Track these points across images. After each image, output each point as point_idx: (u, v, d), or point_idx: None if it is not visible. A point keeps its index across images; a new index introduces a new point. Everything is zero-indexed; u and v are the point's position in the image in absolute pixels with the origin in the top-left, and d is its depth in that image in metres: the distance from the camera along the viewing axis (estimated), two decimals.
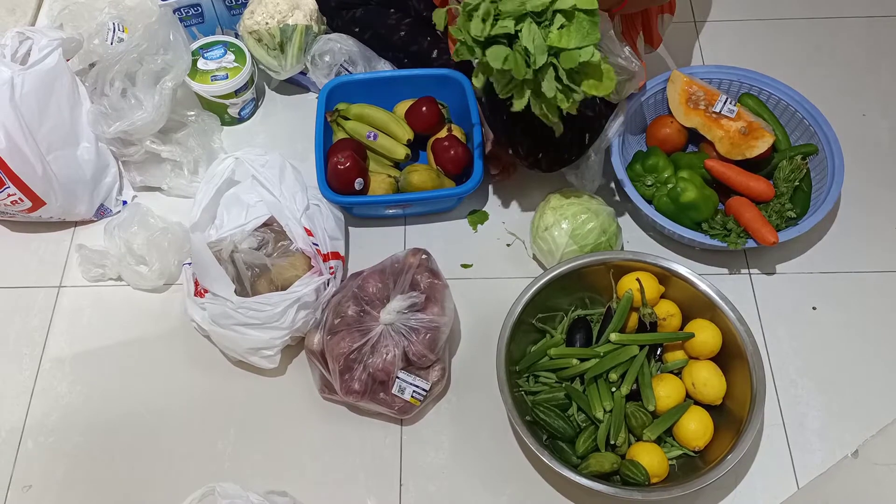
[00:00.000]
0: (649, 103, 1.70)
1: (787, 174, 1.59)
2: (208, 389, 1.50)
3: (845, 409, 1.45)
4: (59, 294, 1.62)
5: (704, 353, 1.41)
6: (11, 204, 1.56)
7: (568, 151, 1.55)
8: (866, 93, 1.86)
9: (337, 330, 1.39)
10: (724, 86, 1.71)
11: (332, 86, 1.69)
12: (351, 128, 1.69)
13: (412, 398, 1.39)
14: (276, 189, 1.51)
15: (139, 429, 1.46)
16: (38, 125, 1.54)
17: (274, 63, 1.75)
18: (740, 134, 1.59)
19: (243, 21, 1.77)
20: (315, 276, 1.44)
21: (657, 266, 1.44)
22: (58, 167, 1.57)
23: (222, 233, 1.48)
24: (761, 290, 1.58)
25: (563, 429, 1.35)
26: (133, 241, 1.59)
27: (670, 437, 1.38)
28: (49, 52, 1.56)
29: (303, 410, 1.47)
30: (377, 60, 1.75)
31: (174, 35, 1.66)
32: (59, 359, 1.54)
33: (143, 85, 1.61)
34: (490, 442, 1.44)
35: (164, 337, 1.56)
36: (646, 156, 1.62)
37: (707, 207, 1.55)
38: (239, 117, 1.84)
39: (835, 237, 1.65)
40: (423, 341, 1.37)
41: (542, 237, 1.54)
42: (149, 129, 1.63)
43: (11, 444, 1.45)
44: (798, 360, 1.51)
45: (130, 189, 1.75)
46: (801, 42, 1.95)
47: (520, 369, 1.43)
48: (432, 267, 1.46)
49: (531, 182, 1.71)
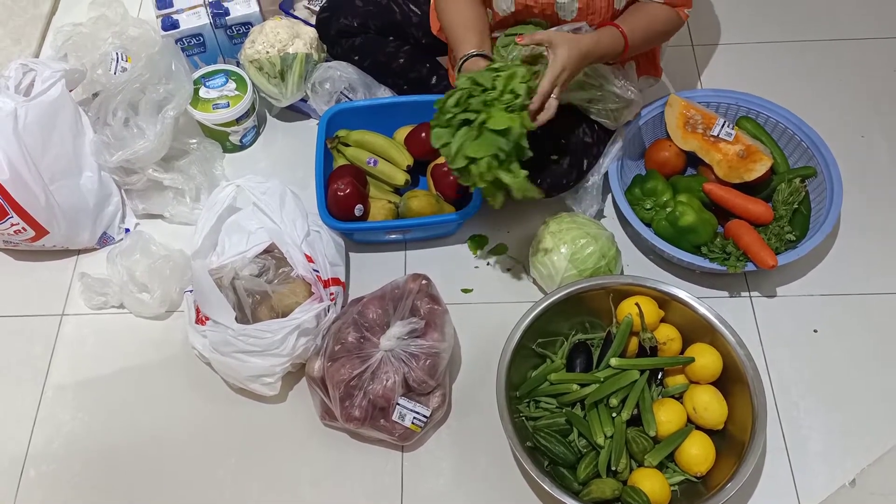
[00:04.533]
0: (647, 127, 1.71)
1: (785, 197, 1.59)
2: (209, 417, 1.50)
3: (848, 432, 1.45)
4: (62, 322, 1.63)
5: (705, 377, 1.40)
6: (15, 233, 1.57)
7: (566, 178, 1.56)
8: (864, 115, 1.86)
9: (337, 356, 1.39)
10: (722, 109, 1.72)
11: (332, 112, 1.71)
12: (351, 154, 1.71)
13: (412, 424, 1.39)
14: (276, 216, 1.52)
15: (140, 456, 1.47)
16: (42, 155, 1.55)
17: (275, 91, 1.76)
18: (738, 157, 1.60)
19: (244, 50, 1.79)
20: (315, 303, 1.45)
21: (657, 290, 1.44)
22: (61, 196, 1.59)
23: (223, 260, 1.49)
24: (762, 313, 1.58)
25: (563, 454, 1.34)
26: (135, 269, 1.60)
27: (672, 462, 1.37)
28: (52, 83, 1.59)
29: (303, 437, 1.47)
30: (377, 87, 1.77)
31: (176, 64, 1.68)
32: (61, 386, 1.55)
33: (146, 114, 1.63)
34: (491, 468, 1.43)
35: (166, 364, 1.56)
36: (644, 179, 1.63)
37: (706, 231, 1.56)
38: (240, 144, 1.85)
39: (835, 259, 1.65)
40: (424, 367, 1.37)
41: (542, 262, 1.54)
42: (151, 157, 1.65)
43: (13, 473, 1.46)
44: (800, 383, 1.50)
45: (133, 217, 1.76)
46: (798, 65, 1.97)
47: (520, 394, 1.43)
48: (432, 292, 1.46)
49: (530, 207, 1.71)
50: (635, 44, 1.46)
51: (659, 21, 1.50)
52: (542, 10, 1.47)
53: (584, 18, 1.47)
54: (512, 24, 1.53)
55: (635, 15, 1.49)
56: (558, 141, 1.53)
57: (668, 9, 1.50)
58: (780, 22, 2.05)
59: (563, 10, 1.46)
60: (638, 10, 1.50)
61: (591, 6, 1.45)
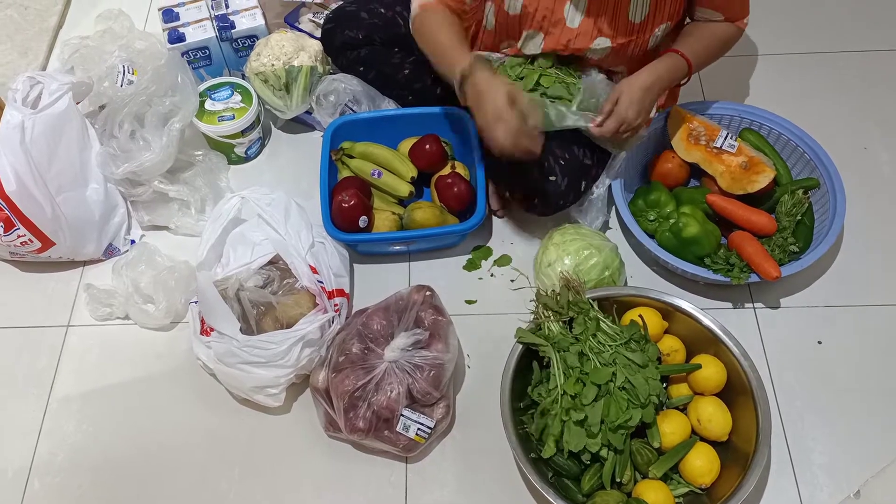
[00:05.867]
0: (651, 139, 1.71)
1: (788, 208, 1.59)
2: (213, 428, 1.50)
3: (852, 443, 1.44)
4: (68, 333, 1.63)
5: (709, 388, 1.40)
6: (21, 245, 1.58)
7: (563, 199, 1.57)
8: (867, 126, 1.87)
9: (341, 367, 1.39)
10: (725, 121, 1.73)
11: (336, 125, 1.72)
12: (356, 166, 1.71)
13: (416, 436, 1.39)
14: (281, 227, 1.52)
15: (144, 468, 1.47)
16: (48, 167, 1.57)
17: (280, 103, 1.77)
18: (741, 169, 1.61)
19: (250, 63, 1.80)
20: (320, 314, 1.45)
21: (660, 301, 1.45)
22: (67, 208, 1.60)
23: (228, 271, 1.50)
24: (766, 324, 1.58)
25: (568, 466, 1.34)
26: (140, 280, 1.61)
27: (676, 473, 1.37)
28: (59, 96, 1.60)
29: (307, 448, 1.47)
30: (381, 99, 1.78)
31: (182, 77, 1.69)
32: (66, 398, 1.55)
33: (152, 126, 1.65)
34: (495, 479, 1.43)
35: (171, 375, 1.57)
36: (648, 191, 1.63)
37: (709, 242, 1.56)
38: (245, 156, 1.86)
39: (839, 271, 1.65)
40: (428, 378, 1.38)
41: (546, 273, 1.54)
42: (157, 169, 1.66)
43: (18, 485, 1.46)
44: (804, 394, 1.50)
45: (138, 228, 1.77)
46: (800, 77, 1.97)
47: (524, 406, 1.43)
48: (436, 303, 1.47)
49: (534, 218, 1.72)
50: (699, 64, 1.53)
51: (718, 37, 1.54)
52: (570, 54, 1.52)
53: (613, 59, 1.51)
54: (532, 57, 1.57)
55: (693, 35, 1.53)
56: (558, 162, 1.54)
57: (727, 25, 1.53)
58: (783, 34, 2.06)
59: (594, 53, 1.50)
60: (696, 30, 1.53)
61: (623, 50, 1.49)
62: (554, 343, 1.35)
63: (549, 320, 1.38)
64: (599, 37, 1.46)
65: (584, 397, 1.30)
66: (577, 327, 1.37)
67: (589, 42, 1.47)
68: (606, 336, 1.36)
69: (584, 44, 1.47)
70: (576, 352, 1.34)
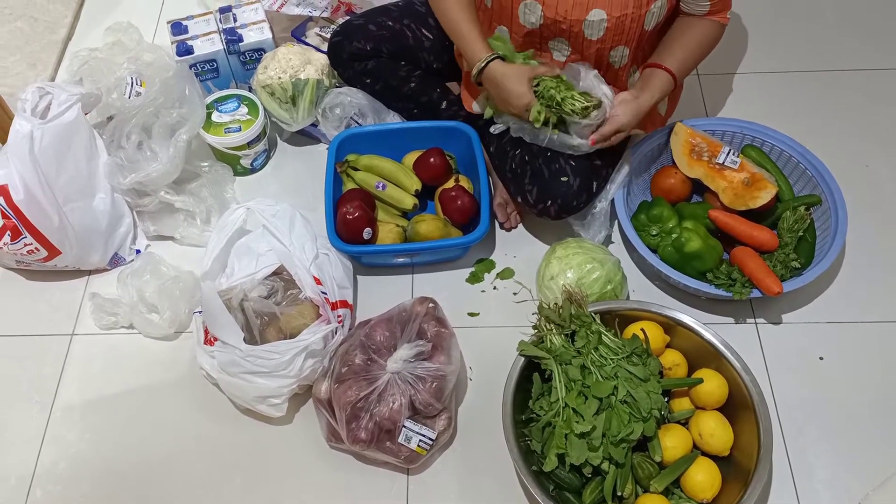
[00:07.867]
0: (653, 154, 1.72)
1: (790, 224, 1.60)
2: (216, 437, 1.51)
3: (854, 459, 1.44)
4: (72, 342, 1.64)
5: (711, 403, 1.40)
6: (28, 253, 1.59)
7: (576, 200, 1.58)
8: (868, 144, 1.88)
9: (344, 378, 1.40)
10: (727, 137, 1.74)
11: (342, 137, 1.73)
12: (360, 178, 1.73)
13: (418, 447, 1.39)
14: (285, 238, 1.53)
15: (146, 476, 1.47)
16: (56, 177, 1.58)
17: (286, 116, 1.79)
18: (744, 185, 1.61)
19: (257, 76, 1.82)
20: (323, 325, 1.46)
21: (662, 315, 1.45)
22: (74, 217, 1.61)
23: (233, 281, 1.51)
24: (767, 339, 1.59)
25: (569, 479, 1.34)
26: (145, 290, 1.62)
27: (678, 488, 1.37)
28: (68, 106, 1.62)
29: (309, 459, 1.48)
30: (386, 112, 1.79)
31: (190, 89, 1.71)
32: (69, 406, 1.56)
33: (159, 137, 1.66)
34: (496, 491, 1.43)
35: (174, 384, 1.57)
36: (650, 206, 1.64)
37: (711, 257, 1.57)
38: (251, 168, 1.88)
39: (840, 287, 1.65)
40: (430, 390, 1.38)
41: (548, 286, 1.55)
42: (163, 180, 1.67)
43: (20, 493, 1.46)
44: (805, 409, 1.50)
45: (144, 238, 1.78)
46: (802, 94, 1.99)
47: (526, 419, 1.43)
48: (439, 315, 1.47)
49: (537, 231, 1.73)
50: (682, 75, 1.57)
51: (700, 43, 1.57)
52: (569, 27, 1.48)
53: (612, 38, 1.49)
54: (538, 38, 1.55)
55: (679, 41, 1.55)
56: (568, 163, 1.55)
57: (710, 23, 1.55)
58: (785, 52, 2.07)
59: (590, 28, 1.48)
60: (681, 36, 1.55)
61: (620, 26, 1.47)
62: (556, 356, 1.36)
63: (552, 333, 1.38)
64: (595, 8, 1.46)
65: (586, 411, 1.30)
66: (579, 340, 1.37)
67: (584, 13, 1.47)
68: (608, 349, 1.36)
69: (580, 15, 1.47)
70: (578, 365, 1.34)
